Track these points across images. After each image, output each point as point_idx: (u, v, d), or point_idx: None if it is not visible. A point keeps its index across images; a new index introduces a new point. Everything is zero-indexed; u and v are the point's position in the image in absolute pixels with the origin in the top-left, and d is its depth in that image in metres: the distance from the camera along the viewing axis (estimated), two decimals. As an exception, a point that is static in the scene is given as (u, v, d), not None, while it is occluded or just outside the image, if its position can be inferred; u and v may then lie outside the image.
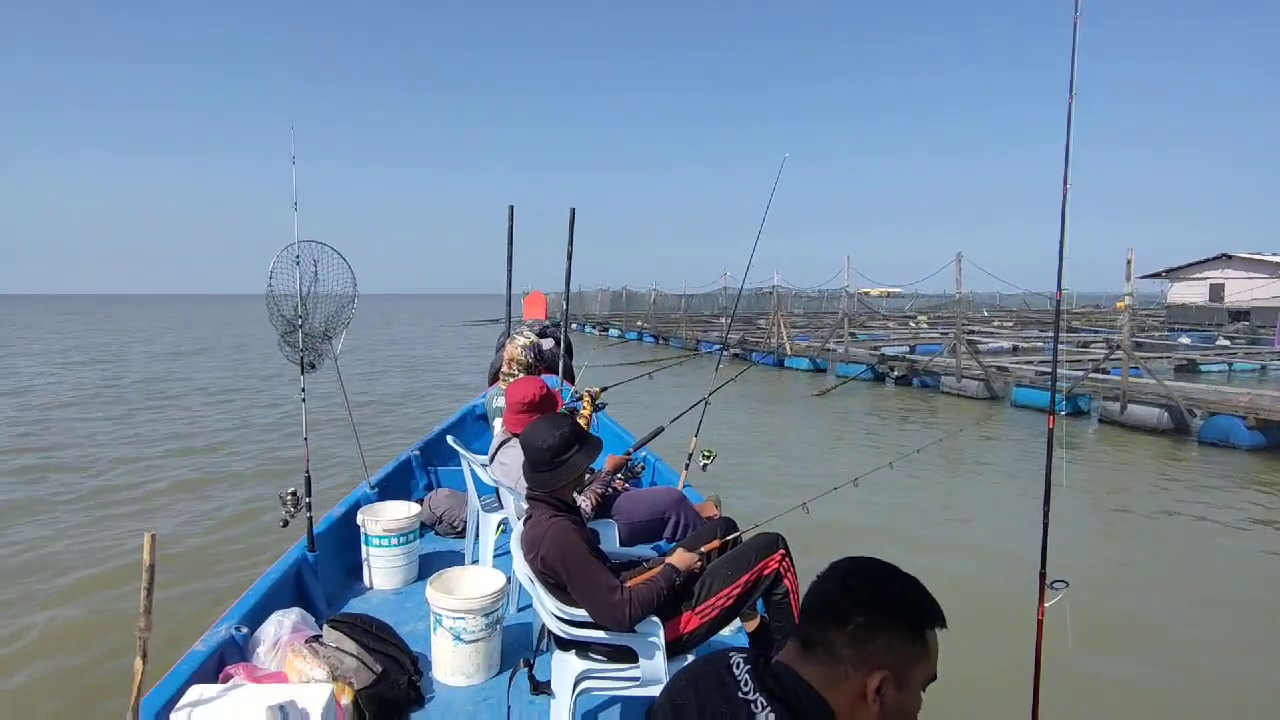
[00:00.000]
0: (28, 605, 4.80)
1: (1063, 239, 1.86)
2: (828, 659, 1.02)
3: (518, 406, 3.23)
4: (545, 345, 4.71)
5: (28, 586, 5.08)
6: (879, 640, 1.00)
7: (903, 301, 47.72)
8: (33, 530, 6.24)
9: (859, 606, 1.02)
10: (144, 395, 14.44)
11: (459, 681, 2.82)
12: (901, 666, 1.01)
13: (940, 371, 15.27)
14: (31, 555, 5.65)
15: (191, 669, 2.35)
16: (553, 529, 2.33)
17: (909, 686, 1.02)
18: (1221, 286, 32.20)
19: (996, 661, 3.95)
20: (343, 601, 3.46)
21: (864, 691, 1.00)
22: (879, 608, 1.02)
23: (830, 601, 1.05)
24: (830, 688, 1.02)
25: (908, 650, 1.01)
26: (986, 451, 9.99)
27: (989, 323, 31.46)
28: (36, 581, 5.16)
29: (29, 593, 4.99)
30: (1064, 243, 1.82)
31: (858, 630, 1.01)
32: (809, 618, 1.07)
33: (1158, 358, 17.03)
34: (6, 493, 7.41)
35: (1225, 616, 4.96)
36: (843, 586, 1.05)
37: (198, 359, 22.44)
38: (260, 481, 7.80)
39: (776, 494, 7.34)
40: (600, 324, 36.00)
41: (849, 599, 1.03)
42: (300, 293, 3.29)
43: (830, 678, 1.02)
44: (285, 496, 3.14)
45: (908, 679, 1.01)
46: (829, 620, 1.03)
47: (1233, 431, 9.97)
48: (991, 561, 5.78)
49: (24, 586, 5.09)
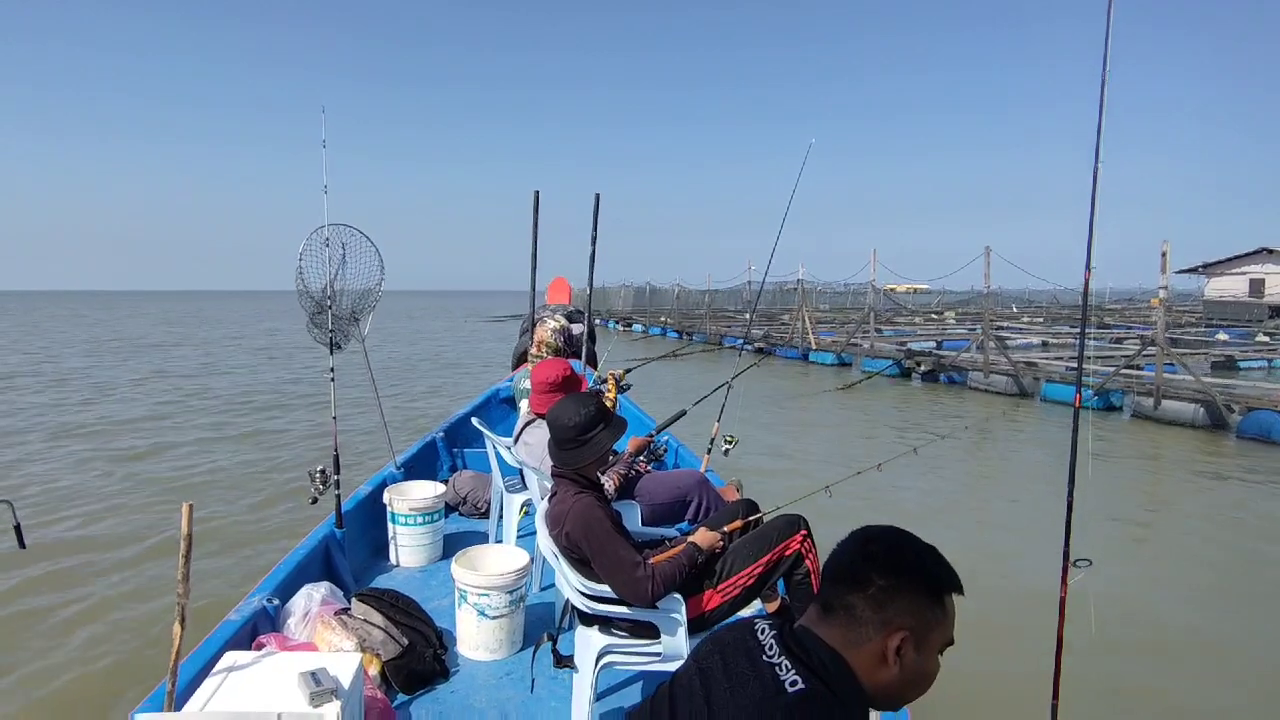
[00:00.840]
0: (87, 574, 5.14)
1: (1092, 216, 1.83)
2: (848, 621, 1.04)
3: (543, 387, 3.26)
4: (575, 330, 4.74)
5: (89, 558, 5.41)
6: (899, 603, 1.02)
7: (929, 298, 47.07)
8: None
9: (879, 570, 1.04)
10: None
11: (483, 656, 2.86)
12: (920, 629, 1.02)
13: (967, 367, 15.04)
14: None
15: (226, 636, 2.42)
16: (577, 504, 2.35)
17: (927, 649, 1.03)
18: (1262, 281, 31.26)
19: (1019, 646, 3.91)
20: (369, 578, 3.52)
21: (884, 653, 1.01)
22: (899, 571, 1.03)
23: (851, 566, 1.06)
24: (851, 649, 1.03)
25: (926, 614, 1.03)
26: (1014, 445, 9.84)
27: (1018, 318, 30.89)
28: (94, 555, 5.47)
29: (89, 562, 5.34)
30: (1093, 224, 1.79)
31: (878, 593, 1.02)
32: (830, 582, 1.08)
33: (1194, 353, 16.59)
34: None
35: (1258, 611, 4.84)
36: (863, 552, 1.07)
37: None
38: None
39: (799, 479, 7.31)
40: (624, 320, 36.04)
41: (869, 563, 1.05)
42: (329, 275, 3.35)
43: (851, 639, 1.03)
44: (314, 474, 3.20)
45: (926, 642, 1.03)
46: (850, 584, 1.05)
47: (1274, 427, 9.69)
48: (1015, 553, 5.71)
49: (85, 558, 5.41)
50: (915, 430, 10.70)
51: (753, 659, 1.07)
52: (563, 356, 4.20)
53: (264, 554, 5.27)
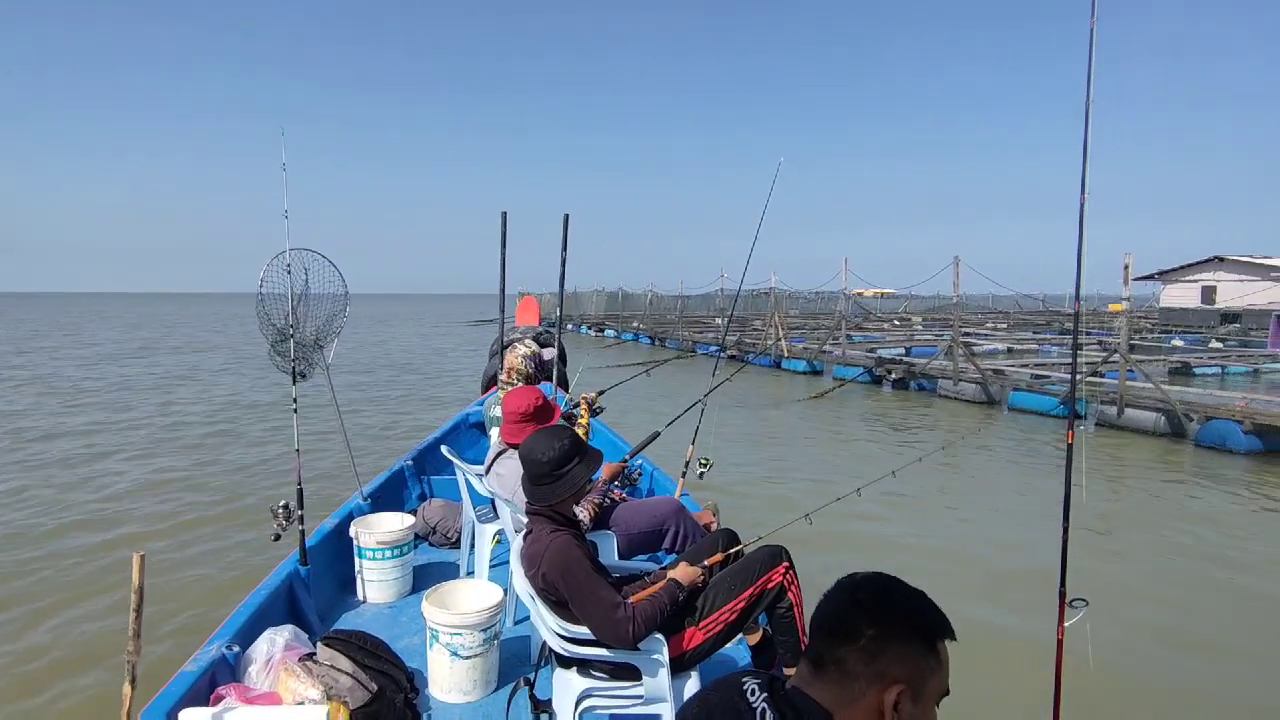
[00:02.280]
0: (8, 629, 4.55)
1: (1080, 251, 1.82)
2: (840, 677, 0.99)
3: (514, 416, 3.17)
4: (546, 355, 4.66)
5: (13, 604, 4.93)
6: (891, 654, 0.98)
7: (897, 303, 47.79)
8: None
9: (868, 619, 1.00)
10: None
11: (456, 699, 2.76)
12: (916, 680, 0.98)
13: (937, 375, 15.25)
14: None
15: (181, 691, 2.28)
16: (554, 544, 2.28)
17: (924, 700, 0.99)
18: (1214, 289, 32.33)
19: (1014, 679, 3.89)
20: (336, 616, 3.39)
21: (880, 708, 0.97)
22: (889, 620, 1.00)
23: (839, 617, 1.02)
24: (846, 708, 0.99)
25: (921, 663, 0.99)
26: (987, 457, 9.94)
27: (982, 325, 31.51)
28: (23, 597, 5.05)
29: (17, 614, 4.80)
30: (1082, 254, 1.77)
31: (869, 644, 0.98)
32: (819, 636, 1.04)
33: (1152, 360, 17.06)
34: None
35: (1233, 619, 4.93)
36: (851, 600, 1.03)
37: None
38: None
39: (778, 503, 7.27)
40: (596, 325, 35.91)
41: (858, 613, 1.01)
42: (291, 301, 3.22)
43: (845, 697, 0.99)
44: (277, 510, 3.07)
45: (923, 692, 0.99)
46: (839, 636, 1.00)
47: (1229, 436, 9.96)
48: (1002, 572, 5.71)
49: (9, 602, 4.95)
50: (891, 442, 10.78)
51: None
52: (534, 382, 4.11)
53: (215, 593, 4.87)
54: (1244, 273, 30.84)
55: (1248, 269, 30.90)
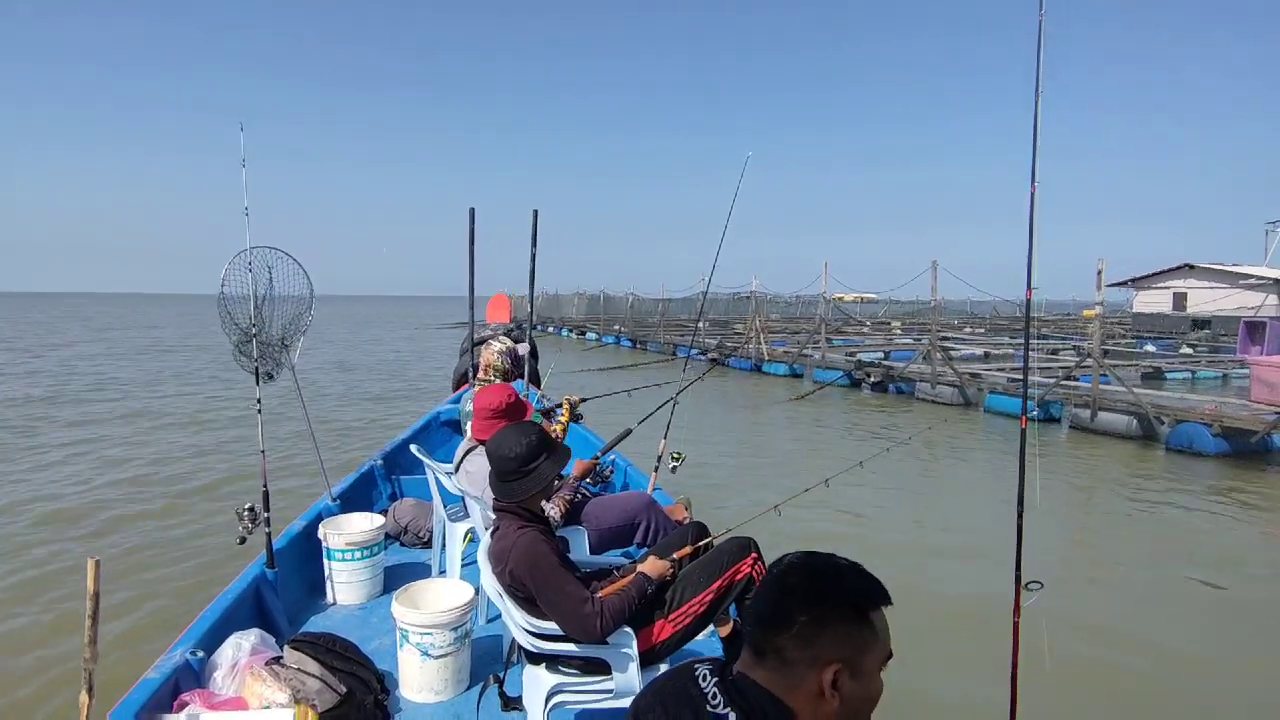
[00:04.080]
0: None
1: (1031, 240, 1.85)
2: (779, 665, 1.01)
3: (485, 413, 3.16)
4: (521, 350, 4.65)
5: None
6: (826, 636, 0.99)
7: (876, 307, 48.19)
8: None
9: (800, 605, 1.00)
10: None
11: (427, 699, 2.73)
12: (853, 656, 0.99)
13: (915, 378, 15.40)
14: None
15: (143, 699, 2.22)
16: (521, 540, 2.28)
17: (865, 674, 1.01)
18: (1184, 296, 32.94)
19: (974, 665, 3.94)
20: (305, 619, 3.34)
21: (821, 689, 0.98)
22: (820, 601, 1.01)
23: (772, 606, 1.03)
24: (789, 693, 1.00)
25: (856, 638, 1.00)
26: (959, 456, 10.07)
27: (960, 329, 31.87)
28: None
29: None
30: (1033, 244, 1.81)
31: (803, 630, 0.99)
32: (755, 625, 1.05)
33: (1125, 365, 17.34)
34: None
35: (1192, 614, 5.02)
36: (782, 588, 1.03)
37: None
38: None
39: (749, 497, 7.30)
40: (577, 328, 35.82)
41: (790, 600, 1.01)
42: (255, 300, 3.18)
43: (787, 683, 1.00)
44: (242, 512, 3.01)
45: (861, 667, 1.00)
46: (774, 625, 1.01)
47: (1198, 438, 10.14)
48: (964, 562, 5.80)
49: None
50: (865, 441, 10.87)
51: (696, 711, 1.03)
52: (509, 379, 4.10)
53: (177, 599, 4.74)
54: (1213, 280, 31.47)
55: (1217, 276, 31.55)
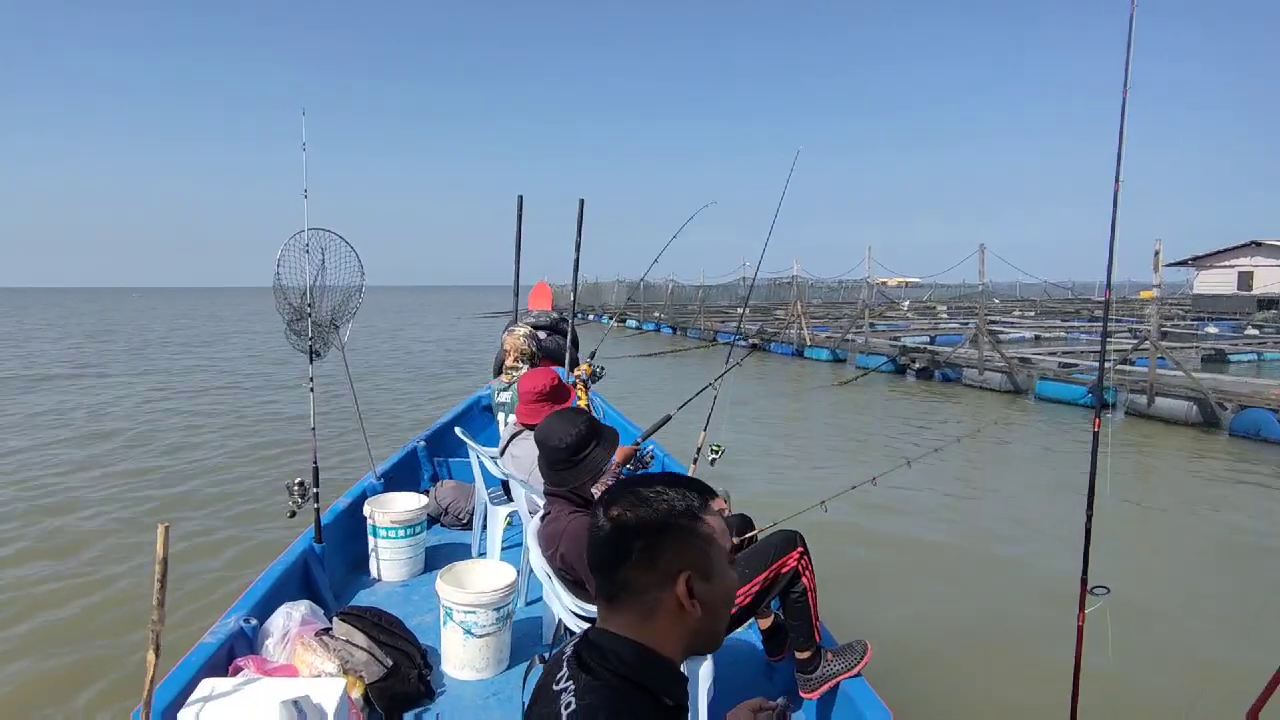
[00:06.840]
0: (49, 594, 4.80)
1: (1112, 240, 1.77)
2: (632, 598, 0.97)
3: (530, 397, 3.17)
4: (541, 335, 4.68)
5: (53, 569, 5.13)
6: (666, 550, 0.96)
7: (921, 292, 47.13)
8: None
9: (632, 532, 0.97)
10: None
11: (469, 676, 2.77)
12: (699, 558, 0.97)
13: (962, 364, 15.00)
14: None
15: (201, 661, 2.32)
16: (572, 525, 2.29)
17: (715, 572, 0.98)
18: (1250, 274, 31.41)
19: (1034, 668, 3.83)
20: (350, 593, 3.43)
21: (679, 604, 0.96)
22: (649, 521, 0.97)
23: (606, 544, 1.00)
24: (648, 622, 0.96)
25: (695, 542, 0.97)
26: (1011, 447, 9.77)
27: (1008, 313, 30.94)
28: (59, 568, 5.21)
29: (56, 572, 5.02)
30: (1114, 244, 1.72)
31: (643, 554, 0.96)
32: (599, 573, 1.01)
33: (1184, 348, 16.62)
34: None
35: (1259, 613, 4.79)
36: (611, 524, 1.00)
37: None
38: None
39: (794, 490, 7.21)
40: (617, 315, 35.88)
41: (621, 532, 0.98)
42: (309, 281, 3.25)
43: (644, 613, 0.97)
44: (293, 487, 3.09)
45: (710, 566, 0.98)
46: (615, 562, 0.98)
47: (1264, 425, 9.68)
48: (1020, 561, 5.62)
49: (50, 569, 5.14)
50: (913, 432, 10.62)
51: (548, 695, 0.98)
52: (536, 362, 4.12)
53: (236, 574, 4.91)
54: (1282, 258, 29.92)
55: (1287, 254, 29.98)
